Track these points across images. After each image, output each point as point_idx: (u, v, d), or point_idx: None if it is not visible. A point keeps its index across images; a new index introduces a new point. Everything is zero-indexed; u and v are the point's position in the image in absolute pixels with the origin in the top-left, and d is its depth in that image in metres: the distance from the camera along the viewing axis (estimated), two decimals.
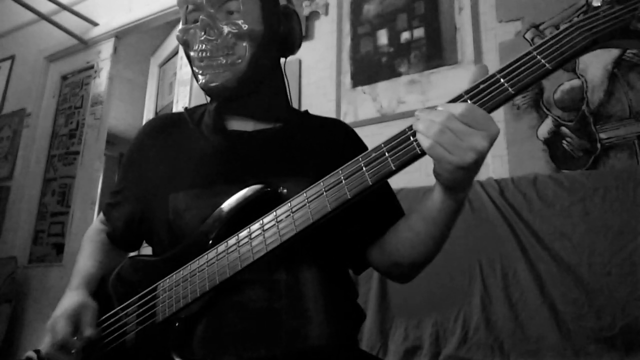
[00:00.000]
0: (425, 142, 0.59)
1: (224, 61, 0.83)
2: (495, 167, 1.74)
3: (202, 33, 0.84)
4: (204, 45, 0.84)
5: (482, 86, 0.60)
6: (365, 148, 0.93)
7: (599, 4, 0.58)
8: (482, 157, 0.58)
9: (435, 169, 0.63)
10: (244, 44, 0.84)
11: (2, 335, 2.64)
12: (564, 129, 1.68)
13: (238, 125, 0.90)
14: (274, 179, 0.77)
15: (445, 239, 0.76)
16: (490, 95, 0.59)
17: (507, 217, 1.51)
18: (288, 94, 0.96)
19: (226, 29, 0.84)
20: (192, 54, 0.87)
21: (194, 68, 0.87)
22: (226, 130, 0.89)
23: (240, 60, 0.84)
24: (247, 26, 0.84)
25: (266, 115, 0.90)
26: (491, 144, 0.57)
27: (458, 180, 0.62)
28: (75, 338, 0.76)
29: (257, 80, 0.87)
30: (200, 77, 0.85)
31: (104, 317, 0.81)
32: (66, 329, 0.75)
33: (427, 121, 0.59)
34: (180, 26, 0.89)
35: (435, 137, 0.58)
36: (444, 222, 0.71)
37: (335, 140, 0.92)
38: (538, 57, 0.58)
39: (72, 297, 0.81)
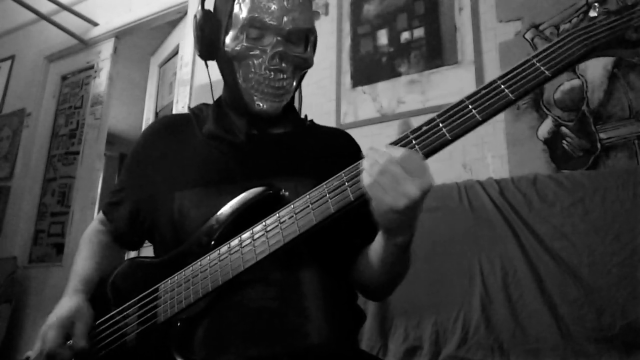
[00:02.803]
0: (366, 179, 0.62)
1: (283, 91, 0.87)
2: (495, 167, 1.74)
3: (275, 60, 0.84)
4: (272, 74, 0.84)
5: (483, 92, 0.61)
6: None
7: (596, 15, 0.60)
8: (414, 204, 0.60)
9: (372, 208, 0.64)
10: (299, 74, 0.90)
11: (2, 335, 2.65)
12: (564, 129, 1.68)
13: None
14: (278, 181, 0.78)
15: (399, 273, 0.80)
16: (491, 101, 0.61)
17: (507, 217, 1.51)
18: (300, 100, 0.99)
19: (295, 61, 0.87)
20: (246, 73, 0.85)
21: (243, 85, 0.86)
22: (233, 132, 0.89)
23: (290, 90, 0.89)
24: (310, 61, 0.90)
25: (275, 123, 0.93)
26: (422, 193, 0.60)
27: (392, 222, 0.65)
28: (68, 343, 0.76)
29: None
30: (255, 97, 0.86)
31: (104, 319, 0.81)
32: (56, 340, 0.75)
33: (372, 160, 0.62)
34: (235, 37, 0.85)
35: (375, 177, 0.61)
36: (389, 261, 0.75)
37: (339, 148, 0.94)
38: (537, 64, 0.60)
39: (67, 303, 0.81)
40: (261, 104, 0.85)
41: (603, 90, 1.64)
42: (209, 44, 0.89)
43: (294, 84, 0.89)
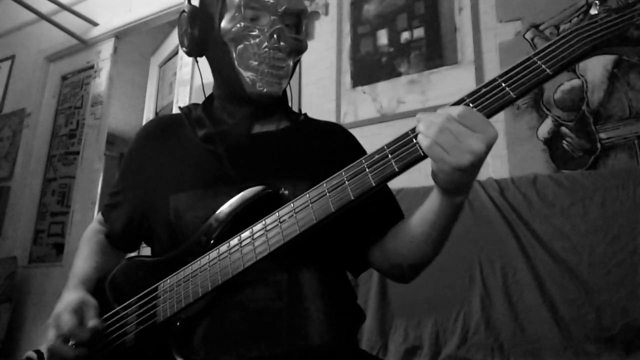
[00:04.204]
0: (424, 141, 0.60)
1: (282, 73, 0.87)
2: (495, 167, 1.74)
3: (273, 39, 0.84)
4: (271, 52, 0.84)
5: (483, 90, 0.61)
6: (364, 151, 0.94)
7: (597, 12, 0.60)
8: (479, 160, 0.58)
9: (433, 170, 0.63)
10: (294, 58, 0.89)
11: (2, 335, 2.64)
12: (564, 129, 1.68)
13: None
14: (275, 181, 0.77)
15: (444, 242, 0.76)
16: (492, 99, 0.60)
17: (507, 217, 1.51)
18: (291, 97, 0.98)
19: (291, 43, 0.87)
20: (245, 56, 0.85)
21: (241, 68, 0.85)
22: (229, 132, 0.89)
23: (288, 72, 0.88)
24: (304, 44, 0.90)
25: (270, 118, 0.92)
26: (488, 147, 0.58)
27: (455, 182, 0.63)
28: (89, 323, 0.76)
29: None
30: (252, 78, 0.85)
31: (103, 318, 0.81)
32: (72, 321, 0.75)
33: (428, 121, 0.60)
34: (232, 18, 0.85)
35: (435, 137, 0.58)
36: (442, 225, 0.72)
37: (335, 144, 0.93)
38: (539, 62, 0.60)
39: (72, 295, 0.81)
40: (262, 86, 0.85)
41: (603, 90, 1.64)
42: (199, 37, 0.89)
43: (291, 65, 0.89)
